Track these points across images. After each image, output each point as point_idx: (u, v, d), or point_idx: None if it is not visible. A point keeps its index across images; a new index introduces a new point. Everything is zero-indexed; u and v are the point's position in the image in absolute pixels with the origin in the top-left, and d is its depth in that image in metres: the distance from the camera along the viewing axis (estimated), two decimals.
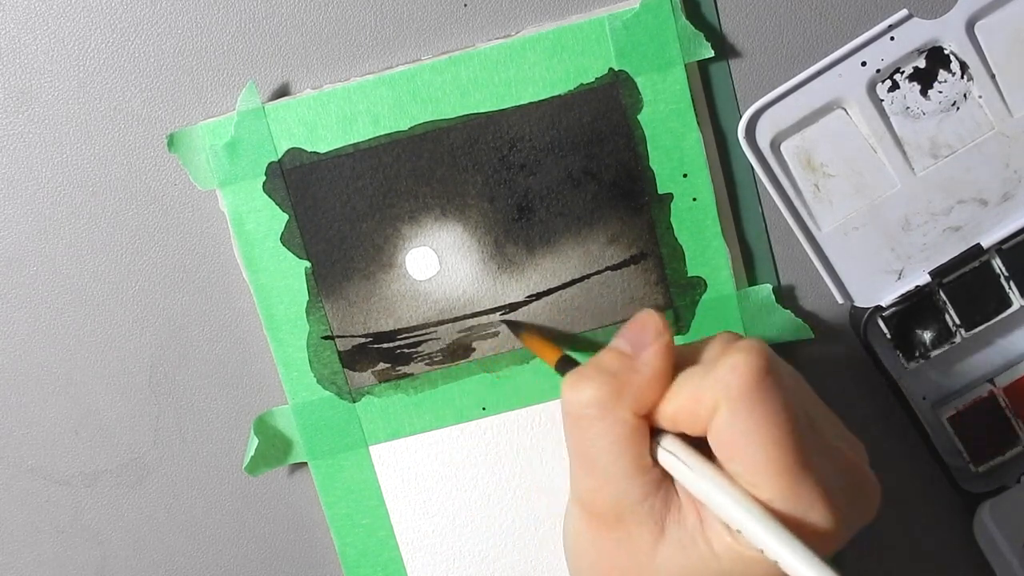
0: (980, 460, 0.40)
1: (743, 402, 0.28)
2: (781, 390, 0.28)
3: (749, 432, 0.28)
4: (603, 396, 0.30)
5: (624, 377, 0.30)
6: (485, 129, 0.38)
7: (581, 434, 0.30)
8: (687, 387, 0.29)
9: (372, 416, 0.40)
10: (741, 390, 0.28)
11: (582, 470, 0.31)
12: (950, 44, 0.38)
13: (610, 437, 0.30)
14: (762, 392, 0.28)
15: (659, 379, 0.30)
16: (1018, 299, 0.39)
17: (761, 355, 0.28)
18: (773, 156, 0.38)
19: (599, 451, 0.30)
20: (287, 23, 0.38)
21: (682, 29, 0.37)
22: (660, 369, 0.30)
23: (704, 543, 0.29)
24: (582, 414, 0.30)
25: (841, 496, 0.29)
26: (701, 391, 0.29)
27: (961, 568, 0.41)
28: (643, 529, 0.30)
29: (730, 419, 0.28)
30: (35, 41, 0.38)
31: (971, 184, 0.39)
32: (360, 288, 0.39)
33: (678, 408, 0.30)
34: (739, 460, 0.28)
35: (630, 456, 0.30)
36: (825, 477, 0.28)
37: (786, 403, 0.28)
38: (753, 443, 0.28)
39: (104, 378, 0.40)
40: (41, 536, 0.41)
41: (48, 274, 0.40)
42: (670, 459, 0.30)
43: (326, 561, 0.42)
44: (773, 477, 0.28)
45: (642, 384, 0.30)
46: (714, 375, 0.29)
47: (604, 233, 0.39)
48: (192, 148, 0.38)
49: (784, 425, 0.28)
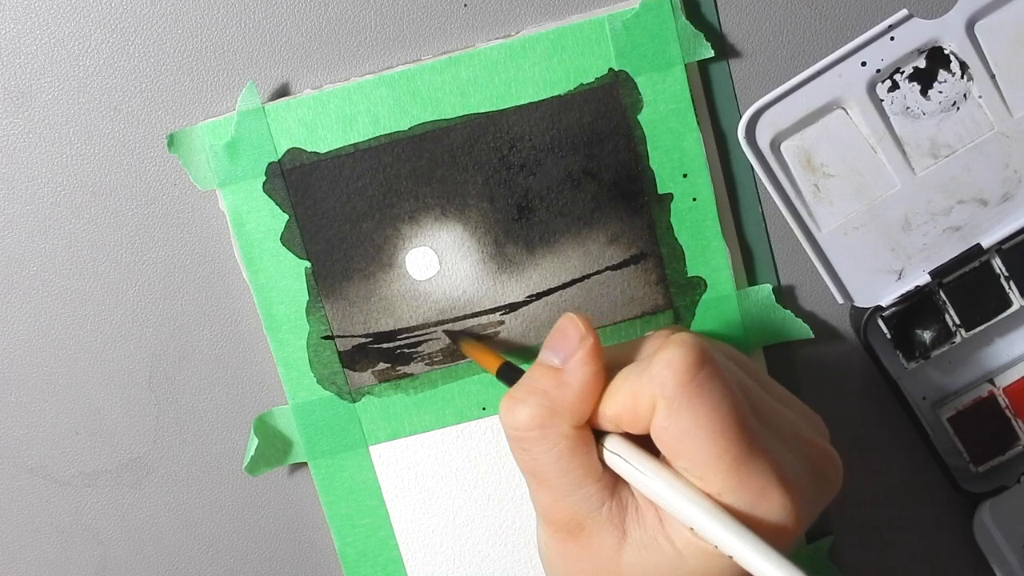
0: (980, 460, 0.40)
1: (679, 398, 0.28)
2: (718, 379, 0.28)
3: (689, 427, 0.28)
4: (538, 416, 0.30)
5: (555, 393, 0.30)
6: (485, 129, 0.38)
7: (526, 455, 0.30)
8: (624, 387, 0.29)
9: (372, 416, 0.40)
10: (676, 386, 0.28)
11: (536, 487, 0.31)
12: (950, 44, 0.38)
13: (554, 453, 0.29)
14: (697, 386, 0.28)
15: (590, 388, 0.30)
16: (1018, 299, 0.39)
17: (693, 348, 0.28)
18: (773, 156, 0.38)
19: (547, 468, 0.30)
20: (287, 23, 0.38)
21: (682, 29, 0.37)
22: (589, 378, 0.30)
23: (666, 542, 0.29)
24: (522, 437, 0.30)
25: (798, 476, 0.28)
26: (638, 390, 0.29)
27: (961, 568, 0.41)
28: (604, 535, 0.30)
29: (669, 416, 0.28)
30: (35, 41, 0.38)
31: (971, 184, 0.39)
32: (360, 288, 0.39)
33: (618, 409, 0.29)
34: (683, 456, 0.28)
35: (577, 467, 0.30)
36: (778, 460, 0.28)
37: (724, 393, 0.28)
38: (695, 438, 0.28)
39: (104, 378, 0.40)
40: (41, 536, 0.42)
41: (48, 274, 0.40)
42: (616, 460, 0.29)
43: (326, 561, 0.42)
44: (720, 470, 0.27)
45: (574, 397, 0.30)
46: (649, 373, 0.28)
47: (604, 233, 0.39)
48: (192, 148, 0.38)
49: (725, 416, 0.28)
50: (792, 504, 0.28)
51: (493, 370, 0.35)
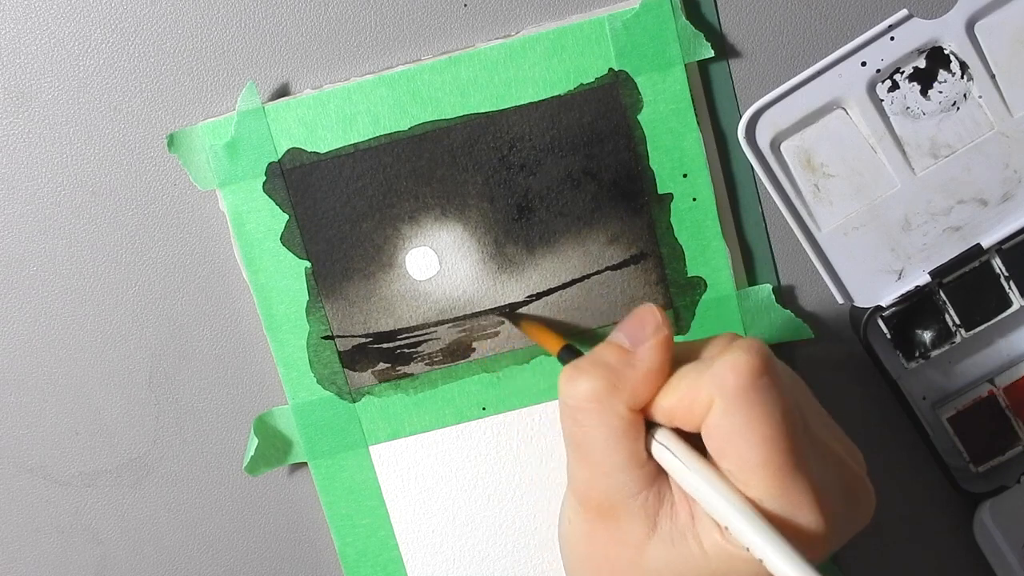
0: (980, 460, 0.40)
1: (738, 399, 0.28)
2: (777, 390, 0.28)
3: (742, 429, 0.28)
4: (599, 389, 0.30)
5: (621, 371, 0.30)
6: (485, 129, 0.38)
7: (577, 426, 0.30)
8: (684, 382, 0.30)
9: (372, 416, 0.40)
10: (736, 387, 0.28)
11: (577, 461, 0.31)
12: (950, 44, 0.38)
13: (605, 430, 0.30)
14: (757, 390, 0.28)
15: (655, 374, 0.30)
16: (1018, 299, 0.39)
17: (759, 354, 0.28)
18: (773, 156, 0.38)
19: (594, 443, 0.30)
20: (287, 23, 0.38)
21: (682, 29, 0.37)
22: (657, 364, 0.30)
23: (694, 540, 0.29)
24: (578, 406, 0.30)
25: (834, 500, 0.29)
26: (697, 387, 0.29)
27: (961, 568, 0.41)
28: (635, 523, 0.30)
29: (724, 416, 0.28)
30: (35, 41, 0.38)
31: (971, 184, 0.39)
32: (360, 288, 0.39)
33: (674, 403, 0.30)
34: (731, 457, 0.28)
35: (625, 449, 0.30)
36: (818, 479, 0.28)
37: (781, 403, 0.28)
38: (746, 440, 0.28)
39: (104, 378, 0.40)
40: (41, 536, 0.41)
41: (48, 274, 0.40)
42: (663, 452, 0.30)
43: (326, 561, 0.42)
44: (764, 476, 0.28)
45: (638, 379, 0.30)
46: (711, 371, 0.29)
47: (604, 233, 0.39)
48: (192, 148, 0.38)
49: (778, 424, 0.28)
50: (825, 524, 0.28)
51: (555, 351, 0.35)
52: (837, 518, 0.29)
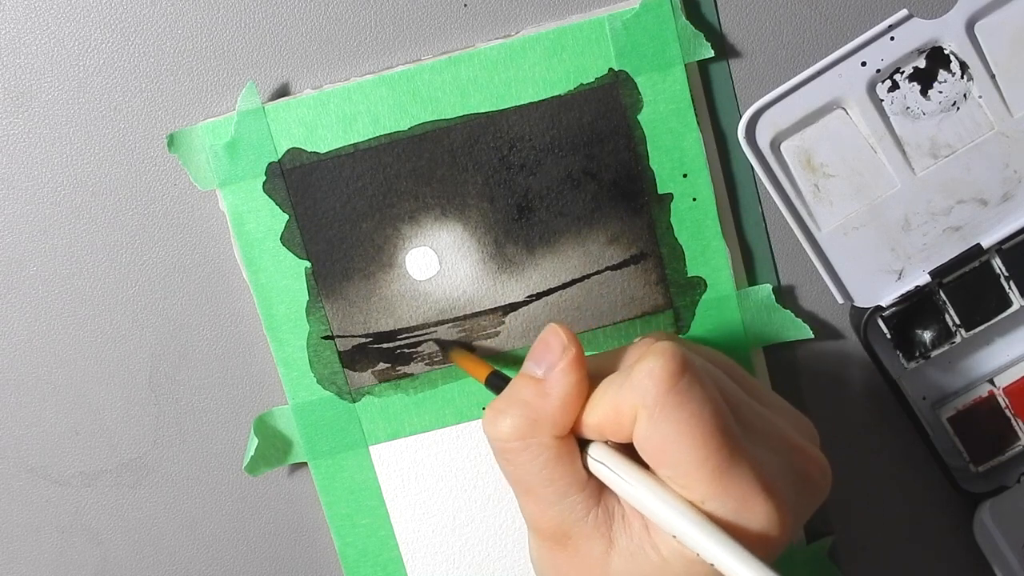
0: (980, 460, 0.40)
1: (660, 407, 0.28)
2: (699, 387, 0.28)
3: (671, 436, 0.28)
4: (520, 427, 0.30)
5: (537, 404, 0.30)
6: (485, 129, 0.38)
7: (511, 465, 0.30)
8: (606, 397, 0.29)
9: (372, 416, 0.40)
10: (657, 395, 0.28)
11: (523, 498, 0.31)
12: (950, 44, 0.38)
13: (537, 464, 0.30)
14: (677, 394, 0.28)
15: (572, 399, 0.30)
16: (1018, 299, 0.39)
17: (673, 357, 0.28)
18: (773, 156, 0.38)
19: (531, 478, 0.30)
20: (287, 23, 0.38)
21: (682, 29, 0.37)
22: (570, 389, 0.30)
23: (652, 550, 0.29)
24: (505, 448, 0.30)
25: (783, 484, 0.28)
26: (619, 400, 0.29)
27: (961, 568, 0.41)
28: (592, 543, 0.30)
29: (650, 425, 0.28)
30: (35, 41, 0.38)
31: (971, 184, 0.39)
32: (360, 288, 0.39)
33: (600, 419, 0.29)
34: (666, 464, 0.28)
35: (561, 477, 0.30)
36: (762, 467, 0.28)
37: (705, 401, 0.28)
38: (676, 446, 0.28)
39: (104, 378, 0.40)
40: (41, 536, 0.41)
41: (48, 274, 0.40)
42: (600, 468, 0.29)
43: (326, 561, 0.42)
44: (702, 477, 0.27)
45: (555, 408, 0.30)
46: (630, 382, 0.28)
47: (604, 233, 0.39)
48: (192, 148, 0.38)
49: (705, 424, 0.28)
50: (776, 511, 0.28)
51: (482, 379, 0.35)
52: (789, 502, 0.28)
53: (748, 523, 0.28)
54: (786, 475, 0.29)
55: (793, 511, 0.28)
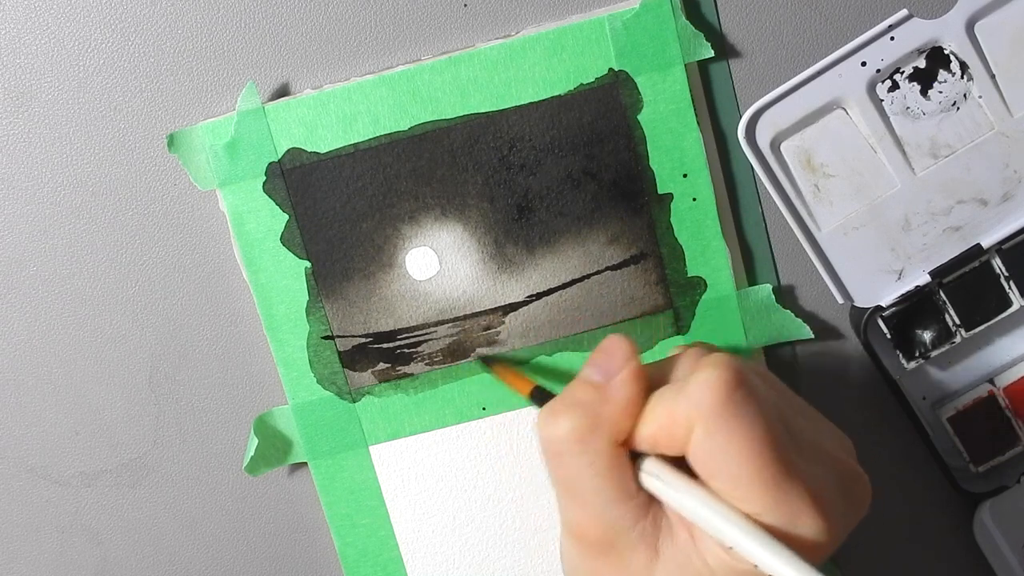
0: (980, 460, 0.40)
1: (716, 419, 0.28)
2: (754, 401, 0.28)
3: (726, 448, 0.28)
4: (579, 430, 0.29)
5: (597, 408, 0.30)
6: (485, 129, 0.38)
7: (562, 469, 0.30)
8: (661, 409, 0.29)
9: (372, 416, 0.40)
10: (713, 407, 0.28)
11: (568, 502, 0.30)
12: (950, 44, 0.38)
13: (592, 469, 0.29)
14: (734, 406, 0.28)
15: (632, 406, 0.30)
16: (1018, 299, 0.39)
17: (729, 368, 0.28)
18: (773, 156, 0.38)
19: (582, 483, 0.30)
20: (287, 23, 0.38)
21: (682, 29, 0.37)
22: (631, 396, 0.30)
23: (699, 560, 0.29)
24: (559, 449, 0.30)
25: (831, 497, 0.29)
26: (675, 412, 0.29)
27: (961, 568, 0.41)
28: (637, 554, 0.30)
29: (706, 437, 0.28)
30: (35, 41, 0.38)
31: (971, 184, 0.39)
32: (360, 288, 0.39)
33: (655, 431, 0.29)
34: (721, 477, 0.28)
35: (614, 485, 0.29)
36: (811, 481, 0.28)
37: (761, 414, 0.28)
38: (732, 459, 0.28)
39: (104, 378, 0.40)
40: (41, 536, 0.42)
41: (48, 274, 0.40)
42: (653, 482, 0.29)
43: (326, 561, 0.42)
44: (757, 490, 0.28)
45: (615, 413, 0.30)
46: (685, 394, 0.28)
47: (604, 233, 0.39)
48: (192, 148, 0.38)
49: (761, 437, 0.28)
50: (826, 524, 0.28)
51: (526, 393, 0.35)
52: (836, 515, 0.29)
53: (800, 535, 0.28)
54: (833, 490, 0.29)
55: (839, 525, 0.29)
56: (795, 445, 0.29)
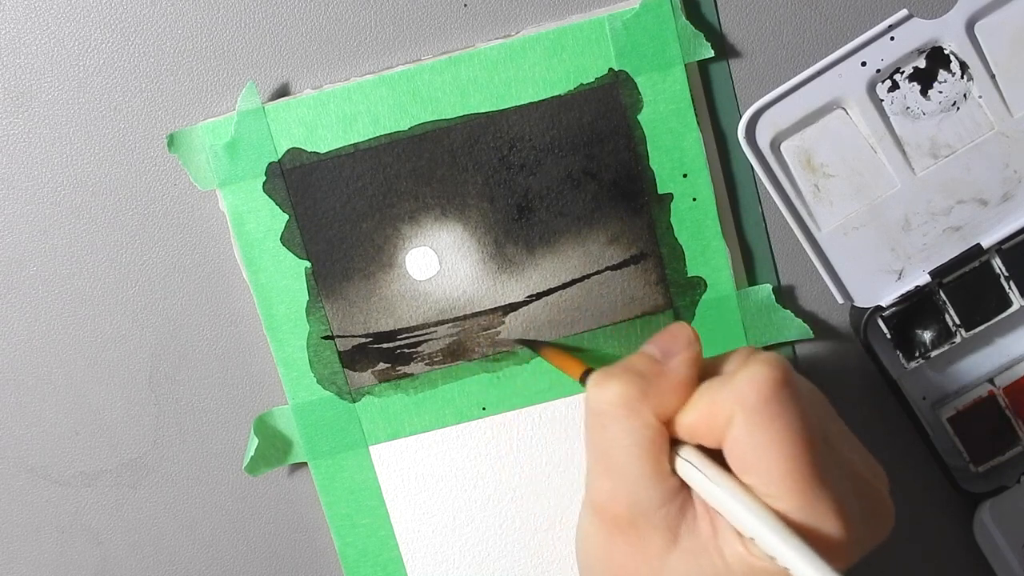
0: (980, 460, 0.40)
1: (759, 413, 0.28)
2: (797, 403, 0.28)
3: (765, 443, 0.28)
4: (629, 394, 0.30)
5: (651, 379, 0.30)
6: (485, 129, 0.38)
7: (603, 432, 0.30)
8: (705, 398, 0.30)
9: (372, 416, 0.40)
10: (757, 401, 0.28)
11: (600, 471, 0.31)
12: (950, 44, 0.38)
13: (632, 438, 0.30)
14: (778, 404, 0.28)
15: (684, 386, 0.30)
16: (1018, 299, 0.39)
17: (778, 367, 0.28)
18: (773, 156, 0.38)
19: (620, 451, 0.30)
20: (287, 23, 0.38)
21: (682, 29, 0.37)
22: (686, 376, 0.30)
23: (716, 553, 0.29)
24: (606, 411, 0.30)
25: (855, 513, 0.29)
26: (718, 402, 0.29)
27: (961, 568, 0.41)
28: (656, 535, 0.30)
29: (746, 430, 0.28)
30: (35, 41, 0.38)
31: (971, 184, 0.39)
32: (360, 288, 0.39)
33: (695, 419, 0.30)
34: (755, 471, 0.28)
35: (650, 460, 0.30)
36: (839, 493, 0.28)
37: (802, 416, 0.28)
38: (769, 454, 0.28)
39: (104, 378, 0.40)
40: (41, 536, 0.42)
41: (48, 274, 0.40)
42: (688, 468, 0.30)
43: (326, 561, 0.42)
44: (788, 488, 0.28)
45: (668, 388, 0.30)
46: (731, 386, 0.29)
47: (604, 233, 0.39)
48: (192, 148, 0.38)
49: (800, 437, 0.28)
50: (847, 538, 0.28)
51: (576, 375, 0.35)
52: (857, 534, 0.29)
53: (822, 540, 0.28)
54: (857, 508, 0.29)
55: (857, 543, 0.29)
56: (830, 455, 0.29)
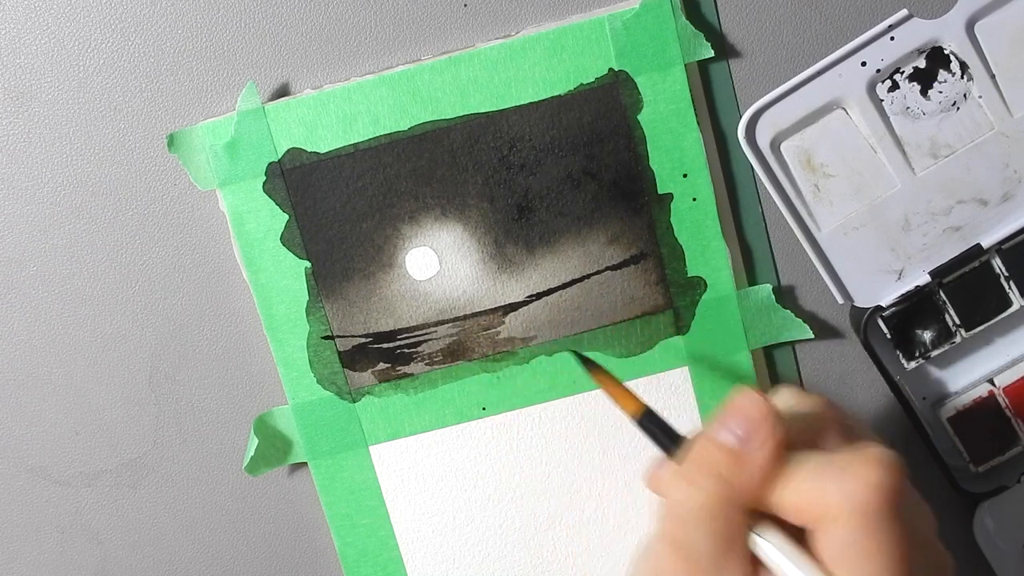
0: (980, 460, 0.40)
1: (872, 520, 0.27)
2: (907, 515, 0.28)
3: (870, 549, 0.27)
4: (712, 505, 0.29)
5: (734, 480, 0.29)
6: (485, 129, 0.38)
7: (683, 532, 0.29)
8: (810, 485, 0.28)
9: (372, 416, 0.40)
10: (873, 508, 0.27)
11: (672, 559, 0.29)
12: (950, 44, 0.38)
13: (715, 538, 0.29)
14: (892, 513, 0.27)
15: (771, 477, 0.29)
16: (1018, 299, 0.39)
17: (896, 473, 0.28)
18: (773, 156, 0.38)
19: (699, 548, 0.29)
20: (287, 23, 0.38)
21: (682, 29, 0.37)
22: (771, 467, 0.29)
23: None
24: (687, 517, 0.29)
25: None
26: (825, 494, 0.28)
27: (961, 568, 0.41)
28: None
29: (853, 535, 0.27)
30: (35, 41, 0.38)
31: (971, 184, 0.39)
32: (360, 288, 0.39)
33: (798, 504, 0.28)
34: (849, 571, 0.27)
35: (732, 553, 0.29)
36: None
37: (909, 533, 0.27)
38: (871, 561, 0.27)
39: (104, 378, 0.40)
40: (41, 536, 0.41)
41: (48, 274, 0.40)
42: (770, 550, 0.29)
43: (326, 561, 0.42)
44: None
45: (752, 485, 0.29)
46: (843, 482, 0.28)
47: (604, 233, 0.39)
48: (192, 148, 0.38)
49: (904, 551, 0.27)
50: None
51: (632, 413, 0.33)
52: None
53: None
54: None
55: None
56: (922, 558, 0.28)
